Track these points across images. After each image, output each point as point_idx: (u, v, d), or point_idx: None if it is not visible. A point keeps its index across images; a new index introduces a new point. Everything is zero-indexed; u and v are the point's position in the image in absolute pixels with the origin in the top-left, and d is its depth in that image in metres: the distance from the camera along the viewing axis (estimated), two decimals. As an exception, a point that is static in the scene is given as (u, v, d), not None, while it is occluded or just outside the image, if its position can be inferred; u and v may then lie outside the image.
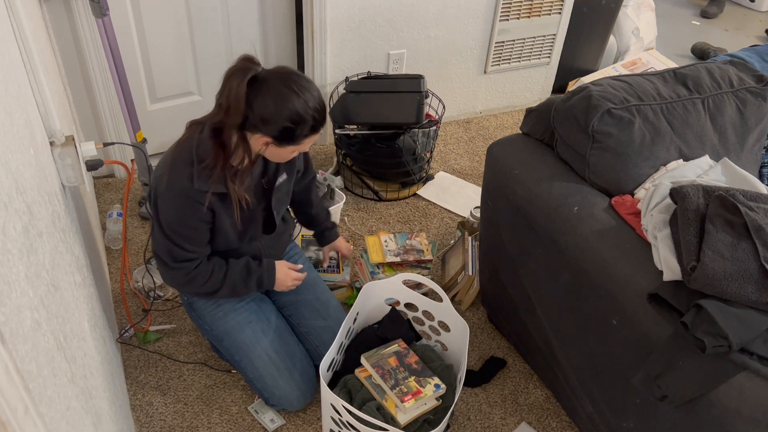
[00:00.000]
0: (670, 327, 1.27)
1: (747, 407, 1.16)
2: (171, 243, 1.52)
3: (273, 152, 1.49)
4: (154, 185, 1.51)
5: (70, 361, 0.95)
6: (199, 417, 1.77)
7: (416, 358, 1.74)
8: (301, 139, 1.46)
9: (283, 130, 1.41)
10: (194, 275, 1.58)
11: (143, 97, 2.50)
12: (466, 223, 2.32)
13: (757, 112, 1.68)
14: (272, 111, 1.39)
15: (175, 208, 1.49)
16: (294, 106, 1.40)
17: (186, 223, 1.51)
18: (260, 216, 1.67)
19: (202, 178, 1.46)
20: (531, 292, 1.71)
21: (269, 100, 1.39)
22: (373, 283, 1.83)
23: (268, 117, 1.39)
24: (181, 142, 1.51)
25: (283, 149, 1.47)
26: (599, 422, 1.59)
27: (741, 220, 1.27)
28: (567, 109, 1.60)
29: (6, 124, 0.85)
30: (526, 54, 3.09)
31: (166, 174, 1.47)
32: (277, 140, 1.44)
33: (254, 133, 1.44)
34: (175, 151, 1.51)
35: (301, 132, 1.44)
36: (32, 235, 0.86)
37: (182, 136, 1.52)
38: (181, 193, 1.47)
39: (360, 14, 2.58)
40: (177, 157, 1.49)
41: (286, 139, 1.44)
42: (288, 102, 1.39)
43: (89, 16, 2.16)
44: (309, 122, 1.43)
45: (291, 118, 1.40)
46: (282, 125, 1.41)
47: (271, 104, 1.39)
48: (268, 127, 1.41)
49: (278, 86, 1.40)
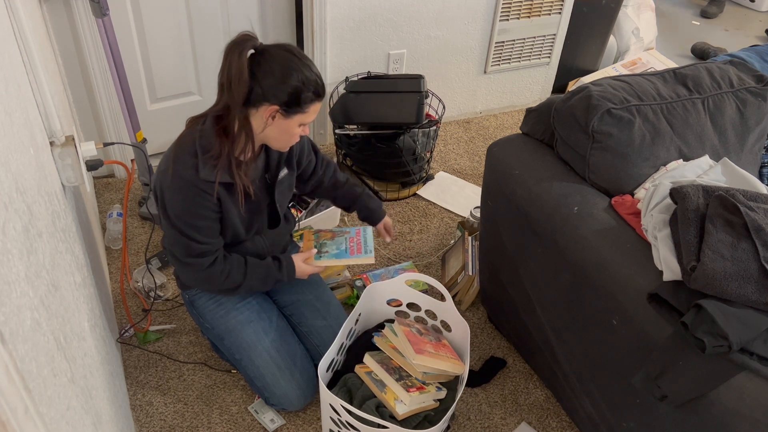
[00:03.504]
0: (670, 327, 1.27)
1: (747, 407, 1.16)
2: (181, 235, 1.52)
3: (278, 127, 1.48)
4: (159, 182, 1.51)
5: (70, 361, 0.95)
6: (199, 417, 1.77)
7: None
8: (307, 104, 1.47)
9: (292, 92, 1.43)
10: (209, 274, 1.58)
11: (143, 97, 2.50)
12: (466, 223, 2.32)
13: (757, 112, 1.68)
14: (279, 75, 1.41)
15: (182, 199, 1.49)
16: (300, 68, 1.43)
17: (195, 213, 1.51)
18: (265, 210, 1.68)
19: (207, 168, 1.47)
20: (531, 292, 1.71)
21: (275, 66, 1.41)
22: (375, 284, 1.83)
23: (275, 82, 1.41)
24: (182, 137, 1.52)
25: (290, 120, 1.47)
26: (599, 422, 1.59)
27: (741, 220, 1.27)
28: (567, 109, 1.60)
29: (6, 124, 0.85)
30: (526, 54, 3.10)
31: (171, 167, 1.48)
32: (285, 107, 1.44)
33: (259, 105, 1.44)
34: (177, 145, 1.51)
35: (307, 94, 1.45)
36: (32, 235, 0.86)
37: (182, 132, 1.53)
38: (188, 183, 1.47)
39: (360, 14, 2.58)
40: (180, 150, 1.49)
41: (294, 103, 1.44)
42: (293, 66, 1.42)
43: (89, 16, 2.16)
44: (313, 84, 1.45)
45: (299, 79, 1.42)
46: (290, 87, 1.42)
47: (277, 69, 1.41)
48: (275, 92, 1.42)
49: (281, 53, 1.43)
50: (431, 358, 1.63)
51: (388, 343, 1.72)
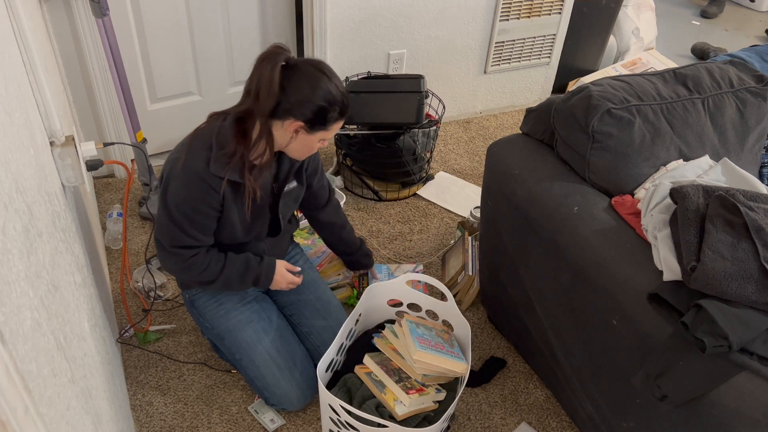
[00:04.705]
0: (670, 327, 1.27)
1: (747, 407, 1.16)
2: (174, 225, 1.52)
3: (301, 142, 1.51)
4: (168, 168, 1.51)
5: (70, 361, 0.95)
6: (199, 417, 1.77)
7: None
8: (331, 123, 1.49)
9: (318, 111, 1.45)
10: (190, 264, 1.58)
11: (143, 97, 2.50)
12: (466, 223, 2.32)
13: (757, 112, 1.68)
14: (307, 92, 1.43)
15: (186, 190, 1.49)
16: (328, 87, 1.45)
17: (194, 206, 1.51)
18: (267, 217, 1.68)
19: (219, 164, 1.47)
20: (531, 292, 1.71)
21: (304, 83, 1.43)
22: (376, 285, 1.83)
23: (303, 99, 1.43)
24: (201, 129, 1.53)
25: (312, 136, 1.50)
26: (599, 422, 1.59)
27: (741, 220, 1.27)
28: (567, 109, 1.60)
29: (6, 124, 0.85)
30: (526, 54, 3.09)
31: (183, 156, 1.48)
32: (309, 123, 1.46)
33: (285, 119, 1.46)
34: (194, 136, 1.52)
35: (333, 114, 1.48)
36: (32, 235, 0.86)
37: (202, 124, 1.54)
38: (196, 175, 1.48)
39: (360, 14, 2.58)
40: (196, 141, 1.50)
41: (319, 121, 1.47)
42: (322, 83, 1.44)
43: (89, 16, 2.16)
44: (340, 104, 1.47)
45: (326, 98, 1.44)
46: (317, 106, 1.44)
47: (307, 86, 1.43)
48: (302, 109, 1.44)
49: (311, 70, 1.44)
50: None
51: (388, 345, 1.72)
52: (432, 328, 1.76)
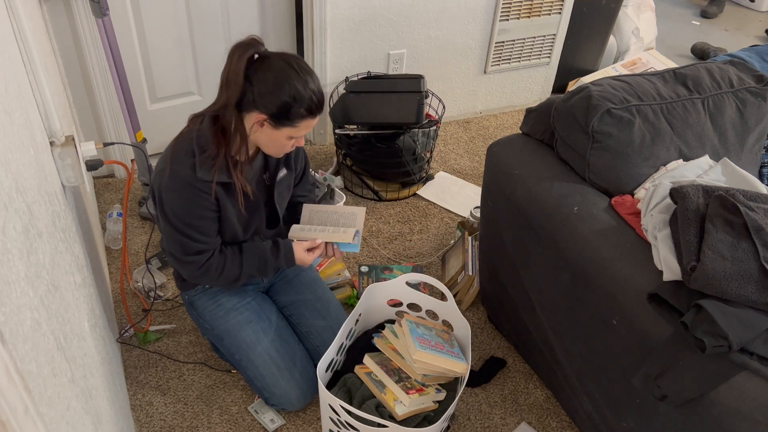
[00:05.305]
0: (670, 327, 1.27)
1: (747, 407, 1.16)
2: (179, 234, 1.52)
3: (268, 136, 1.48)
4: (157, 181, 1.51)
5: (70, 361, 0.95)
6: (199, 417, 1.77)
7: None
8: (297, 120, 1.45)
9: (281, 106, 1.42)
10: (207, 267, 1.58)
11: (143, 97, 2.50)
12: (466, 223, 2.32)
13: (757, 112, 1.68)
14: (271, 85, 1.40)
15: (180, 199, 1.49)
16: (294, 83, 1.41)
17: (192, 213, 1.51)
18: (263, 210, 1.68)
19: (204, 168, 1.47)
20: (531, 292, 1.71)
21: (269, 75, 1.41)
22: (375, 285, 1.83)
23: (265, 91, 1.41)
24: (180, 136, 1.53)
25: (278, 132, 1.47)
26: (599, 422, 1.59)
27: (741, 220, 1.27)
28: (567, 109, 1.60)
29: (6, 124, 0.85)
30: (526, 54, 3.09)
31: (168, 167, 1.48)
32: (273, 118, 1.44)
33: (250, 111, 1.44)
34: (175, 144, 1.51)
35: (298, 111, 1.44)
36: (32, 235, 0.86)
37: (182, 130, 1.53)
38: (185, 183, 1.47)
39: (360, 14, 2.58)
40: (177, 150, 1.50)
41: (283, 116, 1.44)
42: (288, 79, 1.41)
43: (89, 16, 2.16)
44: (306, 102, 1.43)
45: (290, 93, 1.41)
46: (280, 101, 1.41)
47: (271, 79, 1.41)
48: (265, 101, 1.41)
49: (280, 64, 1.42)
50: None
51: (388, 344, 1.72)
52: (432, 328, 1.76)
